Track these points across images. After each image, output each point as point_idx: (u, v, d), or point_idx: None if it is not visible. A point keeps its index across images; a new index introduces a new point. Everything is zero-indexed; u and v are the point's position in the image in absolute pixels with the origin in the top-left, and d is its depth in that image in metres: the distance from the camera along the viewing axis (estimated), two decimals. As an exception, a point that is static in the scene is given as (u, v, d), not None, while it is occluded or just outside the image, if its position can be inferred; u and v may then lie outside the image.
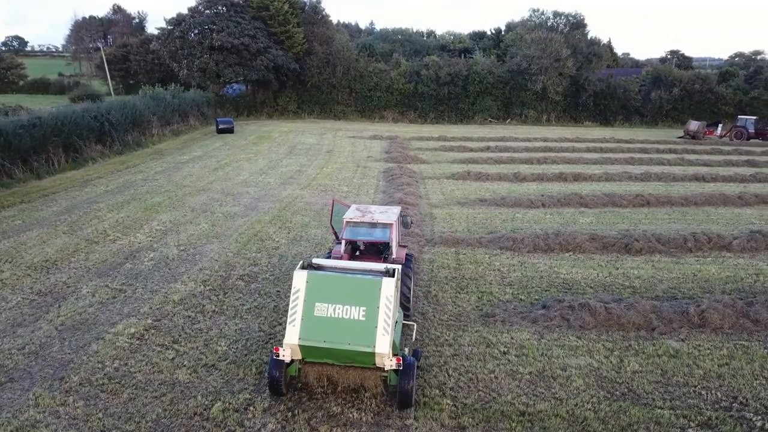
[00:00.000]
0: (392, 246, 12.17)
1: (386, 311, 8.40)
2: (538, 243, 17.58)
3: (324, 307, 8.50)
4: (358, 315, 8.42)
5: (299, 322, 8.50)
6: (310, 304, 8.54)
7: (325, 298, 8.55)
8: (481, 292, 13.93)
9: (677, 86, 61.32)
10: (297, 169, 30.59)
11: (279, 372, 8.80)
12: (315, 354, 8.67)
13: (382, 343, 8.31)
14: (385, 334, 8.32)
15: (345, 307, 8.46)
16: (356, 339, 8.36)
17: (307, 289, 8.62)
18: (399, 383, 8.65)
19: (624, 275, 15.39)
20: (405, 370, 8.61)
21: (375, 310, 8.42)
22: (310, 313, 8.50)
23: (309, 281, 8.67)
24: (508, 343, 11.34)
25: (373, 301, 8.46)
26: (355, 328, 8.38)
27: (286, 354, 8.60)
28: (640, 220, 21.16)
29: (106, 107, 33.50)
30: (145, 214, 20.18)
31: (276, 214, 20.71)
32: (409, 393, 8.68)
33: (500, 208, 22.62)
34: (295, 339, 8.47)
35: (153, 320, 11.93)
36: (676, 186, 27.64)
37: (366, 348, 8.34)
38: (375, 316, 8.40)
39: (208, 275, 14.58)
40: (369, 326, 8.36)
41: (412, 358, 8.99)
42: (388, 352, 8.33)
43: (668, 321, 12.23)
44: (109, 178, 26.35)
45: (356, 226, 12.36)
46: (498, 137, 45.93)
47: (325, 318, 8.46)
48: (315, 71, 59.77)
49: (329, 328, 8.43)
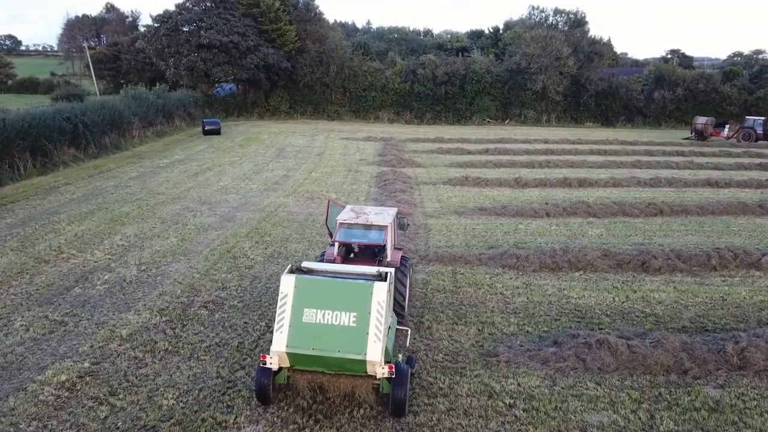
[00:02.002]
0: (387, 249, 11.55)
1: (378, 317, 8.02)
2: (545, 261, 15.71)
3: (313, 313, 8.09)
4: (348, 321, 8.03)
5: (287, 328, 8.07)
6: (298, 310, 8.12)
7: (313, 303, 8.13)
8: (481, 323, 12.05)
9: (681, 86, 59.57)
10: (283, 173, 28.65)
11: (267, 380, 8.40)
12: (304, 362, 8.26)
13: (373, 350, 7.91)
14: (377, 341, 7.95)
15: (335, 313, 8.07)
16: (346, 346, 7.95)
17: (295, 294, 8.20)
18: (392, 391, 8.28)
19: (643, 300, 13.54)
20: (398, 378, 8.21)
21: (366, 316, 8.03)
22: (299, 320, 8.09)
23: (297, 286, 8.24)
24: (515, 392, 9.47)
25: (364, 307, 8.06)
26: (345, 335, 7.98)
27: (274, 362, 8.22)
28: (655, 231, 19.32)
29: (81, 108, 31.44)
30: (108, 227, 18.20)
31: (254, 227, 18.78)
32: (403, 401, 8.32)
33: (501, 218, 20.76)
34: (282, 346, 8.04)
35: (91, 363, 10.00)
36: (688, 192, 25.81)
37: (357, 356, 7.93)
38: (366, 322, 8.01)
39: (167, 302, 12.66)
40: (360, 333, 7.97)
41: (406, 366, 8.56)
42: (379, 360, 7.94)
43: (702, 362, 10.35)
44: (78, 185, 24.30)
45: (350, 228, 11.82)
46: (497, 139, 44.13)
47: (313, 324, 8.06)
48: (307, 70, 57.87)
49: (318, 334, 8.02)
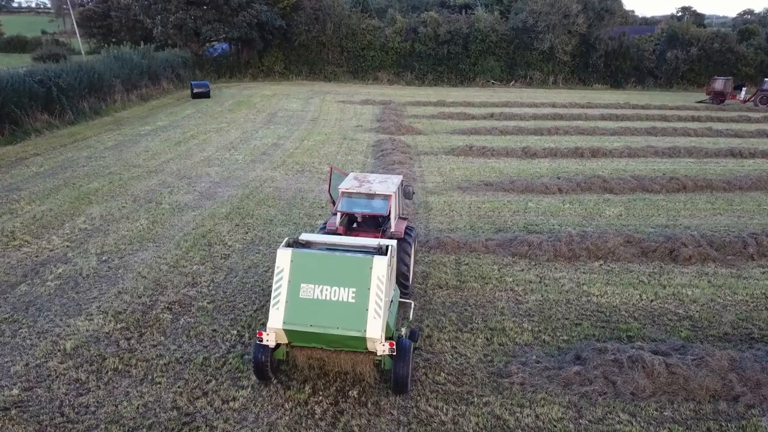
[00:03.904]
0: (391, 219, 11.03)
1: (378, 292, 7.69)
2: (560, 248, 13.91)
3: (310, 288, 7.79)
4: (347, 297, 7.71)
5: (283, 304, 7.78)
6: (294, 285, 7.81)
7: (311, 278, 7.82)
8: (490, 330, 10.34)
9: (695, 45, 56.65)
10: (273, 142, 26.60)
11: (265, 356, 8.18)
12: (302, 338, 8.00)
13: (373, 326, 7.62)
14: (377, 317, 7.65)
15: (333, 289, 7.75)
16: (345, 323, 7.66)
17: (291, 269, 7.88)
18: (393, 368, 8.07)
19: (675, 297, 11.81)
20: (400, 354, 7.97)
21: (366, 291, 7.71)
22: (296, 295, 7.79)
23: (294, 260, 7.92)
24: (533, 427, 7.80)
25: (363, 282, 7.74)
26: (344, 311, 7.68)
27: (270, 339, 7.98)
28: (679, 210, 17.48)
29: (55, 70, 29.11)
30: (72, 207, 16.34)
31: (236, 205, 16.94)
32: (405, 378, 8.09)
33: (509, 195, 18.89)
34: (279, 323, 7.77)
35: (21, 389, 8.31)
36: (710, 164, 23.84)
37: (356, 332, 7.63)
38: (365, 297, 7.69)
39: (126, 303, 10.92)
40: (359, 309, 7.67)
41: (408, 341, 8.28)
42: (380, 337, 7.66)
43: (755, 385, 8.65)
44: (48, 156, 22.29)
45: (352, 197, 11.23)
46: (502, 102, 41.78)
47: (311, 300, 7.76)
48: (303, 28, 54.93)
49: (316, 311, 7.72)
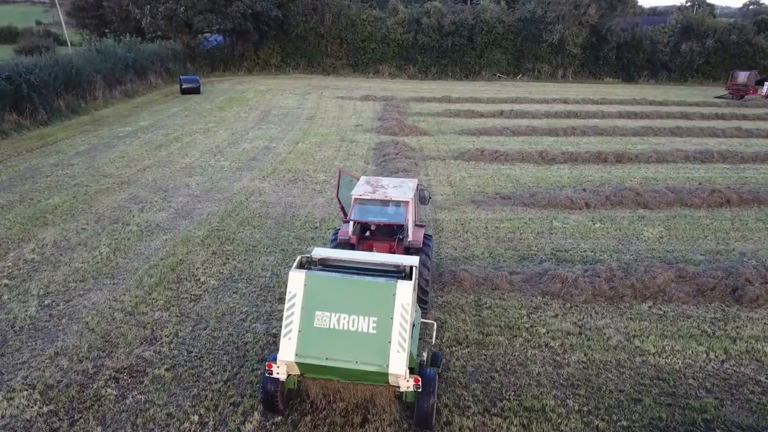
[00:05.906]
0: (408, 227, 10.25)
1: (402, 322, 6.77)
2: (599, 286, 11.57)
3: (326, 316, 6.91)
4: (367, 327, 6.81)
5: (296, 334, 6.91)
6: (308, 313, 6.95)
7: (327, 305, 6.95)
8: (526, 411, 8.01)
9: (711, 37, 54.08)
10: (264, 145, 24.20)
11: (274, 387, 7.36)
12: (316, 371, 7.11)
13: (397, 362, 6.68)
14: (401, 350, 6.70)
15: (351, 317, 6.86)
16: (365, 356, 6.74)
17: (305, 294, 7.01)
18: (417, 401, 7.20)
19: (749, 355, 9.51)
20: (424, 388, 7.07)
21: (388, 321, 6.79)
22: (309, 324, 6.92)
23: (307, 284, 7.05)
24: None
25: (386, 310, 6.82)
26: (364, 343, 6.76)
27: (281, 371, 7.11)
28: (727, 231, 15.15)
29: (27, 65, 26.65)
30: (22, 230, 13.96)
31: (215, 226, 14.57)
32: (429, 412, 7.22)
33: (529, 210, 16.55)
34: (290, 355, 6.87)
35: None
36: (748, 170, 21.47)
37: (378, 368, 6.71)
38: (388, 328, 6.78)
39: (62, 372, 8.59)
40: (381, 341, 6.75)
41: (432, 371, 7.45)
42: (404, 373, 6.70)
43: None
44: (9, 163, 19.84)
45: (366, 204, 10.45)
46: (511, 98, 39.36)
47: (327, 330, 6.87)
48: (300, 19, 52.48)
49: (332, 342, 6.82)
